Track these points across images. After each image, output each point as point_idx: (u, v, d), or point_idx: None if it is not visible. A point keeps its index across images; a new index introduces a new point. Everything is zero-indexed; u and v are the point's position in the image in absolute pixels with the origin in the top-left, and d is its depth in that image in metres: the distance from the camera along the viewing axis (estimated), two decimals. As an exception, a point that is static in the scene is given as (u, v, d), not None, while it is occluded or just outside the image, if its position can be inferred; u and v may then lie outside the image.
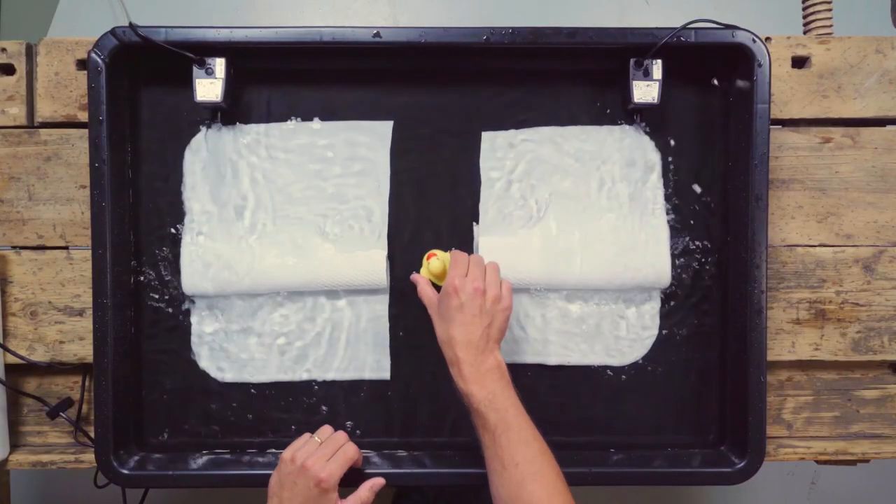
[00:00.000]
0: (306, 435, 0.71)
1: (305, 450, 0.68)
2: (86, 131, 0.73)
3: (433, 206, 0.77)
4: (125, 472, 0.73)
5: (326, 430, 0.72)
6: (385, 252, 0.75)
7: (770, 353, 0.76)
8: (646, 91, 0.72)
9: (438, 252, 0.75)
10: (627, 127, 0.76)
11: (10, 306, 0.78)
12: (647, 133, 0.77)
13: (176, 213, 0.76)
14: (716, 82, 0.76)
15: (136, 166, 0.76)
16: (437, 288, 0.72)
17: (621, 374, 0.78)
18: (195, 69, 0.70)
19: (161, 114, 0.76)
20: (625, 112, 0.76)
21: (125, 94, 0.73)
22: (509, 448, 0.61)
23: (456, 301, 0.66)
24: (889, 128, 0.80)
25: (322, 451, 0.68)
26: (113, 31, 0.69)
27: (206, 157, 0.76)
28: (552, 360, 0.77)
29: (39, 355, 0.78)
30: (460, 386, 0.65)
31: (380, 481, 0.71)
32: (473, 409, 0.64)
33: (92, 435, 0.76)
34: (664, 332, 0.78)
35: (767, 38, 0.77)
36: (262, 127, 0.76)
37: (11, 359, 0.77)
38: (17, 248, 0.78)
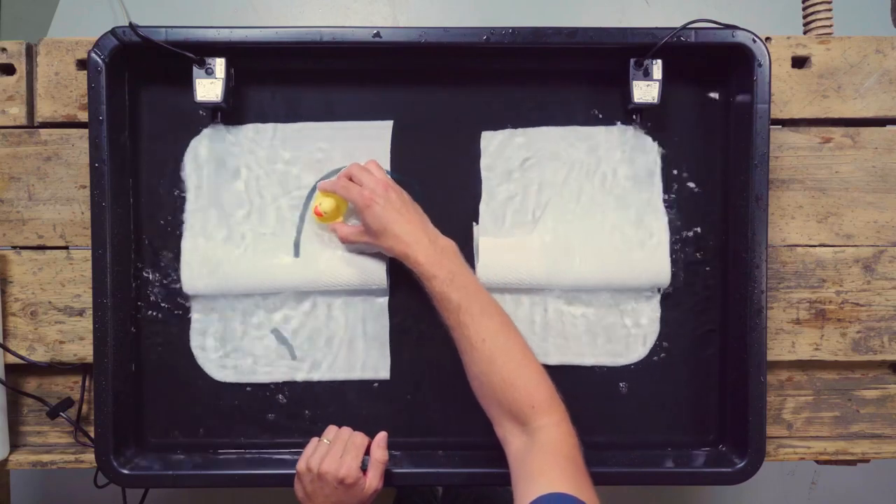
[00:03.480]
0: (313, 440, 0.71)
1: (317, 455, 0.68)
2: (86, 131, 0.73)
3: (433, 207, 0.77)
4: (125, 472, 0.73)
5: (331, 430, 0.72)
6: (385, 252, 0.75)
7: (770, 353, 0.76)
8: (646, 91, 0.72)
9: (314, 202, 0.74)
10: (627, 127, 0.76)
11: (10, 306, 0.78)
12: (647, 133, 0.77)
13: (176, 212, 0.76)
14: (709, 86, 0.76)
15: (136, 166, 0.76)
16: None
17: (621, 374, 0.78)
18: (195, 69, 0.70)
19: (161, 114, 0.76)
20: (625, 112, 0.76)
21: (125, 94, 0.73)
22: (474, 325, 0.63)
23: (378, 206, 0.67)
24: (889, 128, 0.80)
25: (333, 451, 0.68)
26: (113, 31, 0.69)
27: (206, 157, 0.76)
28: (552, 360, 0.77)
29: (39, 355, 0.78)
30: (422, 272, 0.66)
31: (382, 435, 0.72)
32: (437, 293, 0.65)
33: (92, 435, 0.76)
34: (664, 331, 0.78)
35: (767, 38, 0.77)
36: (261, 127, 0.76)
37: (11, 359, 0.77)
38: (17, 248, 0.78)
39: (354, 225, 0.72)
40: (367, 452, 0.71)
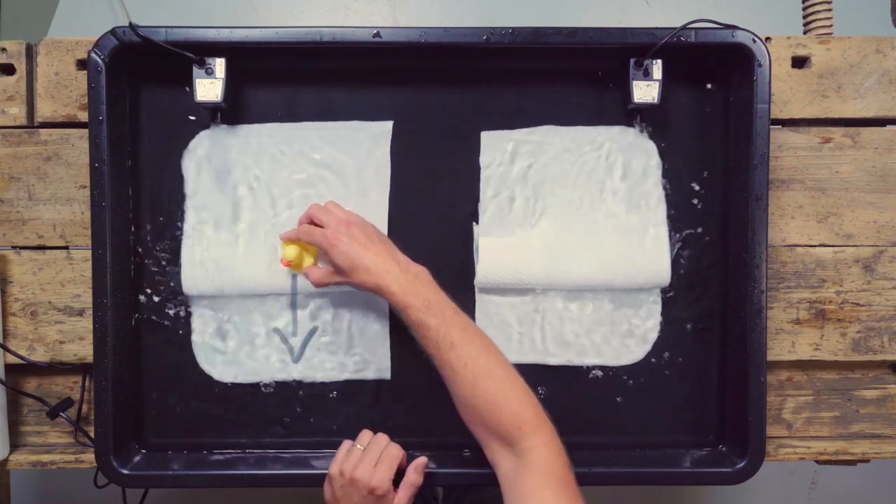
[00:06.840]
0: (346, 444, 0.70)
1: (351, 461, 0.67)
2: (86, 131, 0.73)
3: (433, 207, 0.77)
4: (125, 472, 0.73)
5: (366, 435, 0.71)
6: (385, 252, 0.75)
7: (770, 353, 0.76)
8: (646, 91, 0.72)
9: (281, 253, 0.73)
10: (627, 127, 0.76)
11: (10, 306, 0.78)
12: (646, 133, 0.77)
13: (176, 212, 0.76)
14: (709, 86, 0.76)
15: (136, 166, 0.76)
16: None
17: (621, 374, 0.78)
18: (195, 69, 0.70)
19: (161, 114, 0.76)
20: (625, 112, 0.76)
21: (125, 94, 0.73)
22: (455, 350, 0.63)
23: (342, 244, 0.67)
24: (889, 128, 0.80)
25: (367, 459, 0.67)
26: (113, 31, 0.69)
27: (205, 157, 0.76)
28: (552, 361, 0.77)
29: (39, 355, 0.78)
30: (396, 301, 0.65)
31: (422, 460, 0.70)
32: (414, 322, 0.65)
33: (92, 435, 0.76)
34: (664, 332, 0.78)
35: (767, 38, 0.77)
36: (261, 127, 0.76)
37: (11, 359, 0.77)
38: (17, 248, 0.78)
39: (324, 267, 0.72)
40: (400, 466, 0.69)
